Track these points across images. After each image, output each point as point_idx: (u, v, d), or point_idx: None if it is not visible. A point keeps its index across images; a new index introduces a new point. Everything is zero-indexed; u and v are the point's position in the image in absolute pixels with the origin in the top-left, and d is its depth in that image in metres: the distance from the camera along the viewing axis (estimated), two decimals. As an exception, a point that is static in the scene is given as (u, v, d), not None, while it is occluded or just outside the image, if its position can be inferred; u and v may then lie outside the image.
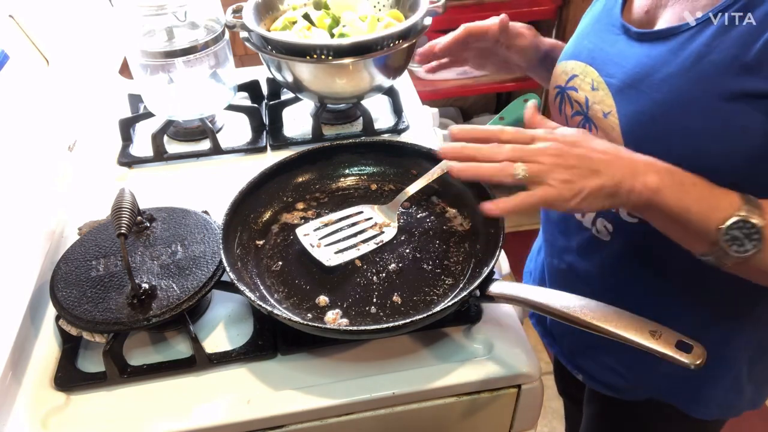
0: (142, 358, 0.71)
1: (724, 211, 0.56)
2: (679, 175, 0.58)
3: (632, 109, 0.66)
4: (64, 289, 0.71)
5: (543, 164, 0.57)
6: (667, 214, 0.58)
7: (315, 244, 0.78)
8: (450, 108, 2.38)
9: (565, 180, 0.56)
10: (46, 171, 0.87)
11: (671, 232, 0.61)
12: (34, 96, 0.89)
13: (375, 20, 1.01)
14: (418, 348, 0.71)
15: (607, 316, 0.59)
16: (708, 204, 0.57)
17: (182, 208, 0.82)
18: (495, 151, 0.60)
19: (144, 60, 0.98)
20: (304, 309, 0.72)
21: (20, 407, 0.67)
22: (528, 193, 0.57)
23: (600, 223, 0.75)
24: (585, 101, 0.73)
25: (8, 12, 0.90)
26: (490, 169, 0.59)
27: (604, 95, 0.70)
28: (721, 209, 0.56)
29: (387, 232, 0.80)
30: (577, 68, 0.75)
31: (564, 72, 0.77)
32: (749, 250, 0.56)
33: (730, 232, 0.56)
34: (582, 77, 0.74)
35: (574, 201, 0.57)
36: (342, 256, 0.76)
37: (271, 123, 1.08)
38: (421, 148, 0.88)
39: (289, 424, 0.67)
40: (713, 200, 0.57)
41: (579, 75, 0.75)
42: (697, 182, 0.58)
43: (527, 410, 0.73)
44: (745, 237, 0.55)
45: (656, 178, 0.56)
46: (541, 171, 0.57)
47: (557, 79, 0.79)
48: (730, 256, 0.57)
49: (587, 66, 0.73)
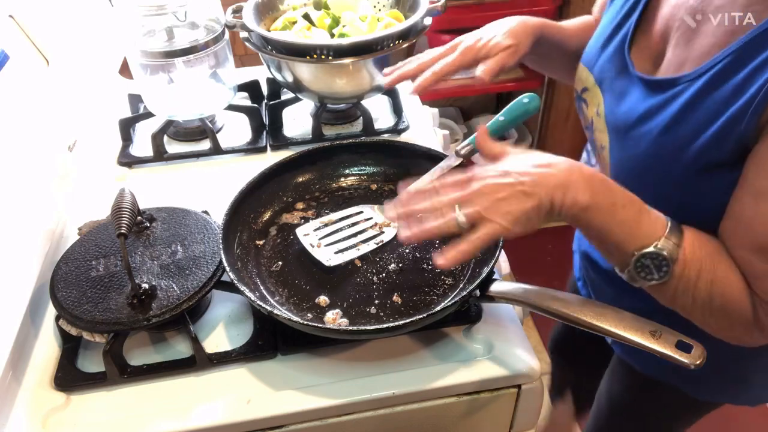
0: (142, 358, 0.71)
1: (642, 240, 0.58)
2: (614, 196, 0.58)
3: (621, 156, 0.68)
4: (64, 289, 0.71)
5: (479, 204, 0.58)
6: (591, 230, 0.59)
7: (315, 244, 0.78)
8: (450, 108, 2.38)
9: (504, 213, 0.57)
10: (46, 171, 0.87)
11: (593, 243, 0.63)
12: (34, 96, 0.89)
13: (375, 20, 1.01)
14: (418, 348, 0.71)
15: (607, 316, 0.59)
16: (630, 229, 0.58)
17: (182, 208, 0.82)
18: (435, 205, 0.61)
19: (144, 60, 0.98)
20: (304, 309, 0.72)
21: (20, 407, 0.67)
22: (474, 236, 0.58)
23: None
24: (591, 123, 0.75)
25: (8, 12, 0.90)
26: (435, 228, 0.60)
27: (603, 128, 0.71)
28: (640, 237, 0.58)
29: (387, 232, 0.80)
30: (589, 83, 0.76)
31: (580, 79, 0.78)
32: (656, 280, 0.59)
33: (642, 260, 0.58)
34: (591, 96, 0.75)
35: (516, 228, 0.57)
36: (342, 256, 0.76)
37: (271, 123, 1.08)
38: (421, 148, 0.88)
39: (289, 424, 0.67)
40: (636, 227, 0.58)
41: (590, 90, 0.75)
42: (627, 204, 0.59)
43: (527, 410, 0.73)
44: (654, 267, 0.58)
45: (587, 197, 0.57)
46: (478, 213, 0.58)
47: (576, 82, 0.79)
48: (638, 281, 0.60)
49: (595, 86, 0.74)
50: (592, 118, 0.74)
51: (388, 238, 0.79)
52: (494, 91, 2.25)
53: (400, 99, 1.10)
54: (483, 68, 0.79)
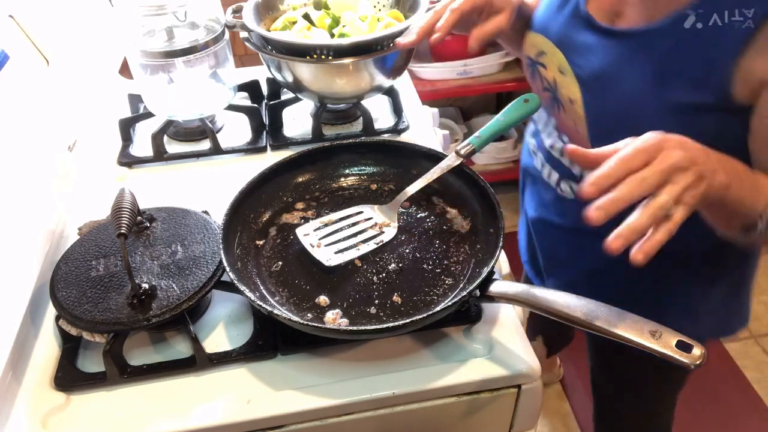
0: (142, 358, 0.71)
1: (766, 198, 0.62)
2: (734, 166, 0.60)
3: (596, 103, 0.70)
4: (64, 289, 0.71)
5: (677, 184, 0.54)
6: (728, 206, 0.61)
7: (315, 244, 0.78)
8: (450, 108, 2.38)
9: (693, 194, 0.55)
10: (46, 171, 0.87)
11: (718, 217, 0.65)
12: (34, 96, 0.89)
13: (375, 20, 1.01)
14: (418, 348, 0.71)
15: (607, 317, 0.59)
16: (755, 192, 0.62)
17: (182, 208, 0.82)
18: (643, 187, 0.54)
19: (144, 60, 0.98)
20: (304, 309, 0.72)
21: (20, 407, 0.67)
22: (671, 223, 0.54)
23: (565, 185, 0.80)
24: (554, 82, 0.76)
25: (8, 12, 0.90)
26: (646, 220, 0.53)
27: (570, 82, 0.73)
28: (764, 196, 0.62)
29: (387, 232, 0.80)
30: (545, 46, 0.77)
31: (533, 45, 0.79)
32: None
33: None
34: (550, 57, 0.76)
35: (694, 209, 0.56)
36: (342, 256, 0.76)
37: (271, 123, 1.08)
38: (421, 148, 0.88)
39: (289, 424, 0.67)
40: (758, 188, 0.62)
41: (547, 54, 0.77)
42: (743, 170, 0.61)
43: (527, 410, 0.73)
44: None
45: (725, 175, 0.58)
46: (680, 195, 0.54)
47: (527, 49, 0.81)
48: (764, 234, 0.62)
49: (554, 47, 0.75)
50: (554, 77, 0.75)
51: (388, 238, 0.79)
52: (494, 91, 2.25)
53: (400, 99, 1.10)
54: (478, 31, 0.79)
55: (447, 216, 0.83)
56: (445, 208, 0.84)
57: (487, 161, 2.24)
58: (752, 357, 1.79)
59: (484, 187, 0.79)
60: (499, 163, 2.25)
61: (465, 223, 0.81)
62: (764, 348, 1.81)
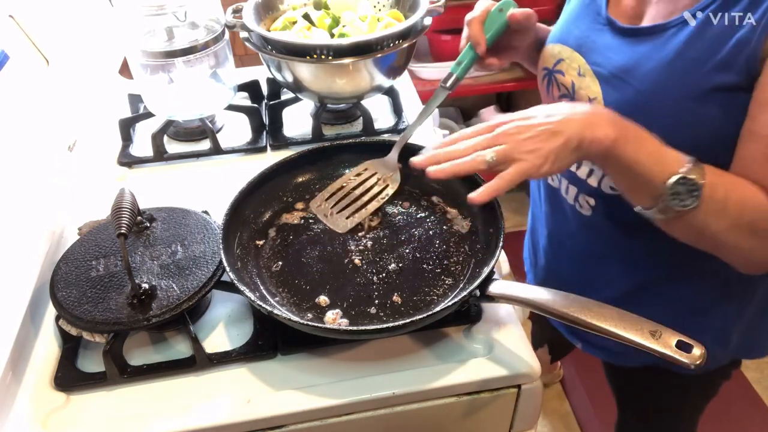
0: (142, 358, 0.71)
1: (671, 167, 0.61)
2: (634, 130, 0.62)
3: (617, 98, 0.71)
4: (64, 289, 0.71)
5: (507, 143, 0.62)
6: (621, 165, 0.62)
7: (328, 213, 0.82)
8: (450, 108, 2.38)
9: (531, 150, 0.61)
10: (46, 171, 0.87)
11: (621, 183, 0.66)
12: (34, 96, 0.89)
13: (375, 20, 1.01)
14: (418, 348, 0.71)
15: (607, 317, 0.59)
16: (658, 159, 0.61)
17: (182, 208, 0.82)
18: (463, 147, 0.64)
19: (144, 60, 0.98)
20: (304, 309, 0.72)
21: (20, 407, 0.67)
22: (504, 172, 0.61)
23: (582, 199, 0.80)
24: (571, 85, 0.78)
25: (8, 12, 0.90)
26: (464, 164, 0.63)
27: (590, 82, 0.74)
28: (668, 165, 0.61)
29: (390, 185, 0.83)
30: (564, 53, 0.79)
31: (551, 55, 0.81)
32: (688, 206, 0.61)
33: (675, 187, 0.60)
34: (569, 62, 0.78)
35: (546, 166, 0.61)
36: (353, 219, 0.80)
37: (271, 123, 1.08)
38: (421, 148, 0.88)
39: (289, 424, 0.67)
40: (663, 155, 0.62)
41: (566, 60, 0.78)
42: (649, 138, 0.62)
43: (527, 410, 0.73)
44: (686, 192, 0.61)
45: (612, 130, 0.61)
46: (507, 150, 0.61)
47: (545, 61, 0.82)
48: (671, 209, 0.62)
49: (574, 52, 0.77)
50: (572, 80, 0.78)
51: (392, 191, 0.83)
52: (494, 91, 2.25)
53: (400, 99, 1.10)
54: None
55: (447, 216, 0.83)
56: (445, 208, 0.84)
57: (487, 161, 2.24)
58: (752, 357, 1.79)
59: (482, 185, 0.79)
60: (499, 163, 2.25)
61: (465, 223, 0.81)
62: (764, 348, 1.81)
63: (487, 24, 0.81)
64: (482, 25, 0.81)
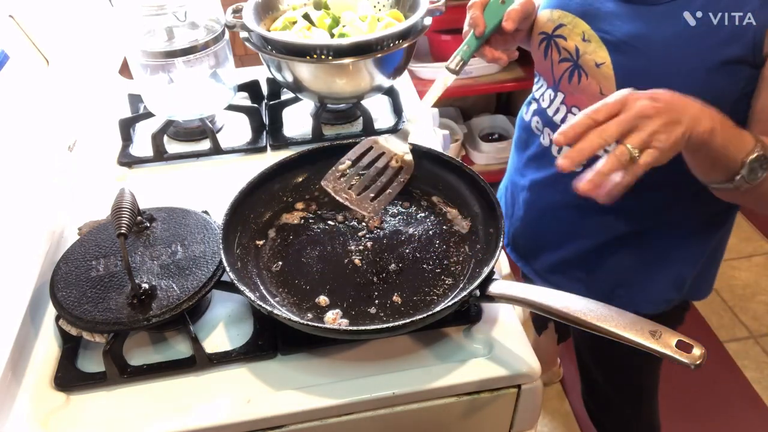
0: (142, 358, 0.71)
1: (746, 147, 0.65)
2: (720, 119, 0.63)
3: (626, 64, 0.73)
4: (64, 289, 0.71)
5: (643, 131, 0.58)
6: (710, 154, 0.64)
7: (347, 196, 0.76)
8: (450, 108, 2.38)
9: (663, 139, 0.59)
10: (46, 171, 0.87)
11: (703, 167, 0.69)
12: (34, 96, 0.89)
13: (375, 20, 1.01)
14: (418, 348, 0.71)
15: (607, 317, 0.59)
16: (738, 142, 0.65)
17: (182, 208, 0.82)
18: (606, 136, 0.59)
19: (144, 60, 0.98)
20: (304, 309, 0.72)
21: (20, 407, 0.67)
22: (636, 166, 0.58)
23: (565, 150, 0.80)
24: (575, 50, 0.79)
25: (8, 12, 0.90)
26: (610, 165, 0.58)
27: (596, 47, 0.76)
28: (745, 144, 0.65)
29: (406, 166, 0.79)
30: (565, 18, 0.80)
31: (549, 20, 0.82)
32: (759, 178, 0.66)
33: (753, 164, 0.65)
34: (571, 27, 0.79)
35: (668, 155, 0.60)
36: (379, 202, 0.76)
37: (271, 123, 1.08)
38: (421, 148, 0.88)
39: (289, 424, 0.67)
40: (740, 138, 0.65)
41: (567, 25, 0.80)
42: (728, 123, 0.64)
43: (527, 410, 0.73)
44: (760, 168, 0.66)
45: (709, 122, 0.61)
46: (645, 140, 0.58)
47: (542, 26, 0.84)
48: (745, 183, 0.66)
49: (576, 18, 0.79)
50: (576, 45, 0.79)
51: (410, 173, 0.79)
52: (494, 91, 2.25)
53: (400, 99, 1.10)
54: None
55: (447, 216, 0.83)
56: (445, 208, 0.84)
57: (487, 161, 2.24)
58: (752, 357, 1.79)
59: (484, 187, 0.79)
60: (499, 163, 2.25)
61: (465, 223, 0.81)
62: (764, 348, 1.81)
63: (487, 15, 0.79)
64: (482, 9, 0.79)
